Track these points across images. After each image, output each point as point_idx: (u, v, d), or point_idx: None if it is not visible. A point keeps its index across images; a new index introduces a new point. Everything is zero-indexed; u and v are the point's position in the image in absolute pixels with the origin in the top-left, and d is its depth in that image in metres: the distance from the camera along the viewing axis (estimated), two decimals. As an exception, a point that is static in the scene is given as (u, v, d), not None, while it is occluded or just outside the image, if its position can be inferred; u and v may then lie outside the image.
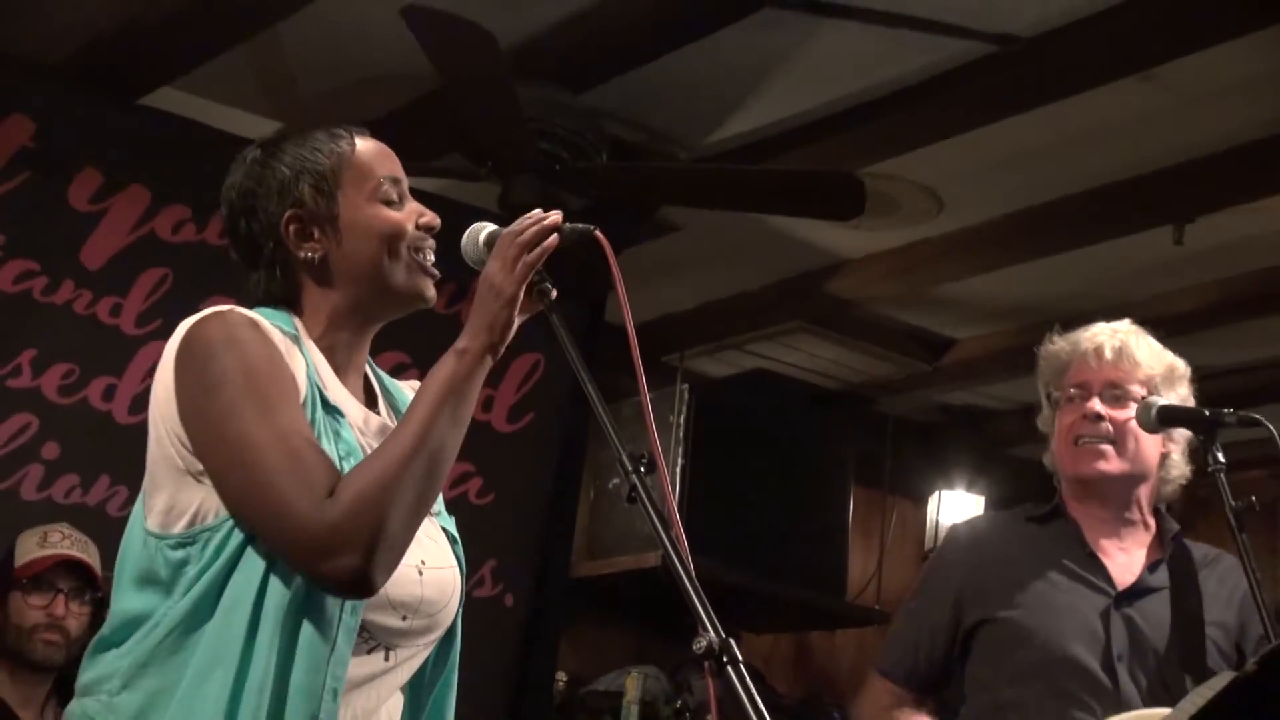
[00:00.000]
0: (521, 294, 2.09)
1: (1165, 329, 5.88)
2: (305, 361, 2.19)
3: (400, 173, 2.31)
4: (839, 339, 6.33)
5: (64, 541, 3.85)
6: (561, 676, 6.01)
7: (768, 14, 4.14)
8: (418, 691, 2.31)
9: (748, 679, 1.81)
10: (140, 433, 4.75)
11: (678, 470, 5.69)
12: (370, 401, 2.34)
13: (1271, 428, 2.96)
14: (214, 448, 2.06)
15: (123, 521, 4.40)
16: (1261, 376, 6.09)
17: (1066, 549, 3.13)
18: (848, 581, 6.68)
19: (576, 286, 2.37)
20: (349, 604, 2.08)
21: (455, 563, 2.28)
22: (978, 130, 4.64)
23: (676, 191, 5.01)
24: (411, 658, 2.24)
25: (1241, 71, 4.23)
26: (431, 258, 2.27)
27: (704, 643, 1.82)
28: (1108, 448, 3.09)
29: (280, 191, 2.25)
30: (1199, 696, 1.86)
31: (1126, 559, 3.14)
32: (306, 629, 2.08)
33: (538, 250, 2.08)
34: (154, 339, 4.69)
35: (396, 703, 2.27)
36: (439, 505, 2.31)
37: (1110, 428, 3.09)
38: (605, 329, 4.98)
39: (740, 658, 1.82)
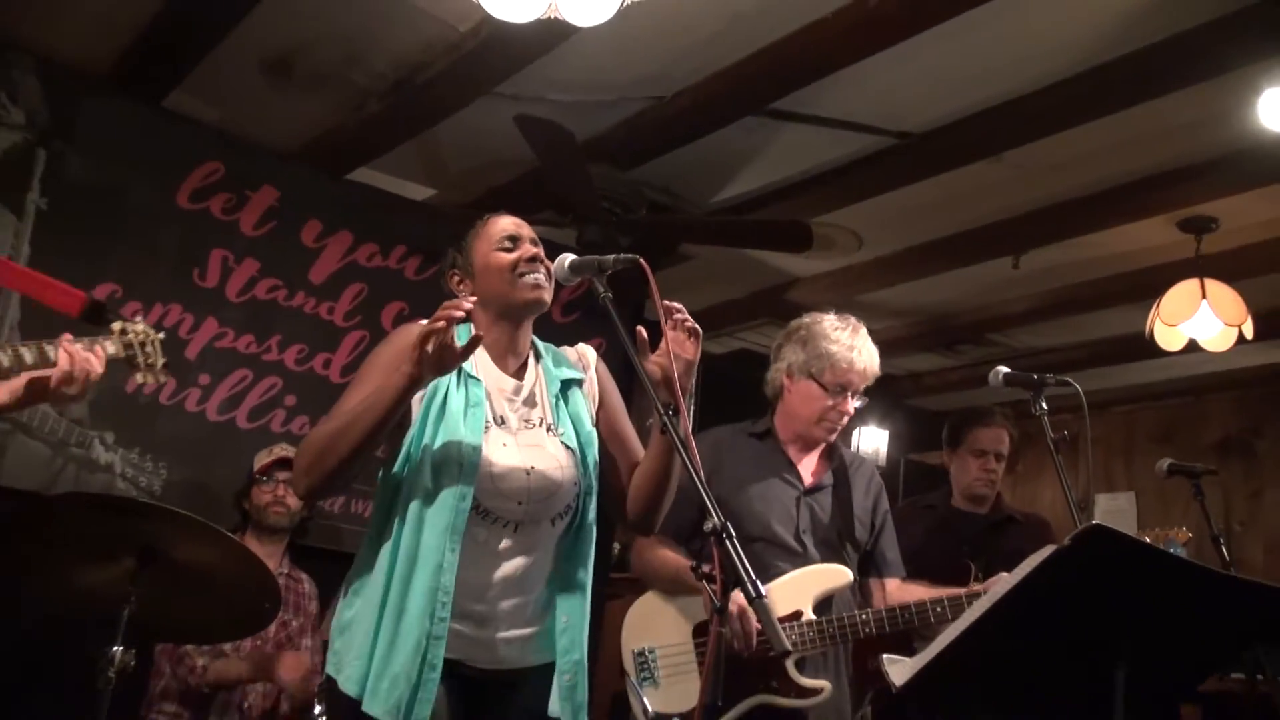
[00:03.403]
0: (417, 351, 2.02)
1: (1006, 324, 5.93)
2: None
3: (516, 230, 2.39)
4: (795, 329, 6.31)
5: (280, 449, 3.90)
6: (616, 546, 6.03)
7: (749, 120, 4.12)
8: (564, 555, 2.31)
9: (738, 547, 1.80)
10: (343, 389, 4.75)
11: (691, 413, 5.64)
12: (519, 371, 2.37)
13: (1077, 386, 2.94)
14: None
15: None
16: (1070, 354, 6.04)
17: (774, 457, 3.13)
18: (800, 486, 6.65)
19: (627, 294, 2.37)
20: (458, 494, 2.14)
21: (571, 466, 2.29)
22: (885, 194, 4.60)
23: (690, 234, 5.00)
24: (537, 533, 2.24)
25: (1062, 153, 4.17)
26: (535, 278, 2.31)
27: (711, 523, 1.82)
28: (839, 428, 3.13)
29: (450, 263, 2.40)
30: (1026, 565, 1.83)
31: (811, 466, 3.16)
32: (430, 514, 2.15)
33: (434, 330, 2.02)
34: (354, 329, 4.74)
35: (543, 567, 2.27)
36: (568, 428, 2.33)
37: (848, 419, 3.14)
38: (644, 323, 4.98)
39: (734, 534, 1.82)
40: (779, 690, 2.86)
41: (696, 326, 2.24)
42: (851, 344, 3.09)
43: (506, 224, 2.37)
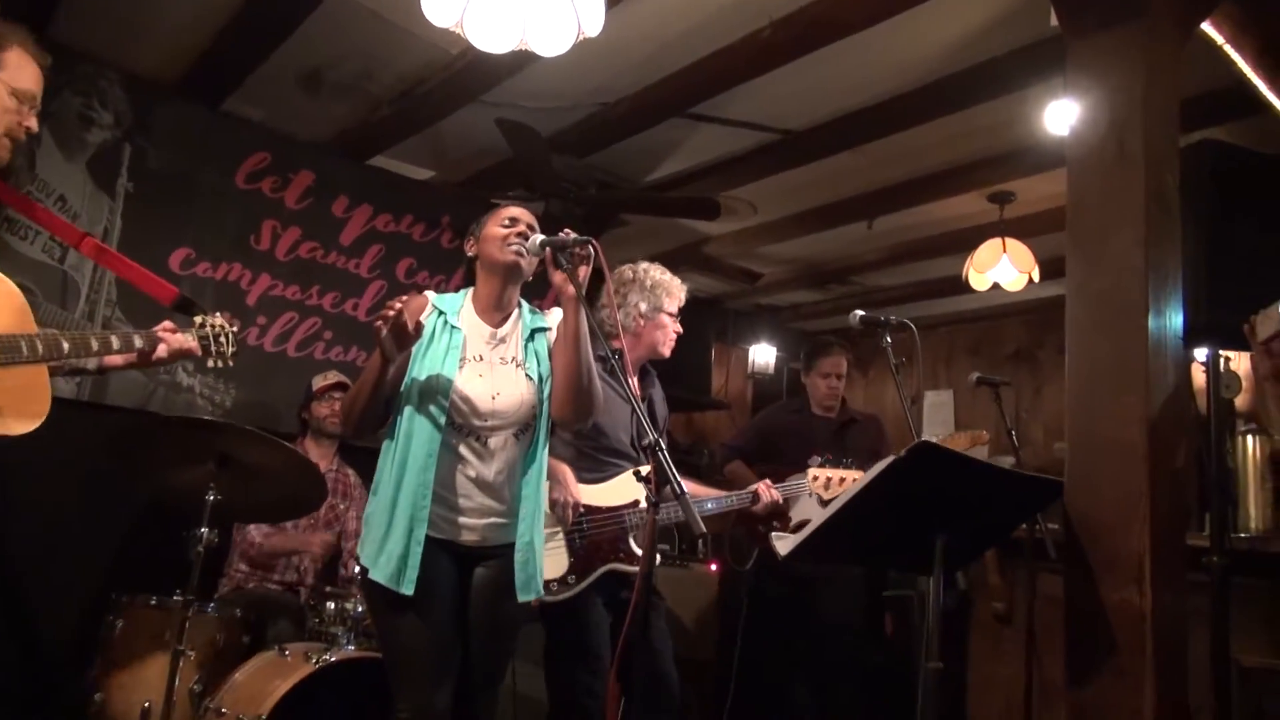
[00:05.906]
0: (379, 340, 2.08)
1: (861, 270, 5.97)
2: (441, 311, 2.22)
3: (517, 215, 2.30)
4: (708, 274, 6.28)
5: (333, 375, 3.83)
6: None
7: (675, 121, 4.05)
8: (524, 463, 2.27)
9: (668, 458, 1.83)
10: (369, 326, 4.64)
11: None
12: (501, 322, 2.31)
13: (911, 325, 2.98)
14: None
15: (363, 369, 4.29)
16: (907, 291, 6.10)
17: (615, 379, 2.82)
18: (711, 388, 6.65)
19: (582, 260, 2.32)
20: (435, 413, 2.14)
21: (530, 394, 2.24)
22: (774, 176, 4.57)
23: (628, 206, 4.93)
24: (502, 442, 2.22)
25: (903, 146, 4.17)
26: (515, 248, 2.26)
27: (648, 439, 1.84)
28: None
29: (470, 232, 2.35)
30: (875, 469, 1.87)
31: (635, 384, 2.98)
32: (417, 428, 2.15)
33: (381, 326, 2.06)
34: (375, 280, 4.63)
35: (506, 471, 2.23)
36: (534, 363, 2.27)
37: None
38: (597, 277, 4.93)
39: (664, 447, 1.84)
40: (624, 560, 2.84)
41: (588, 254, 2.16)
42: (674, 278, 3.03)
43: (512, 211, 2.32)
